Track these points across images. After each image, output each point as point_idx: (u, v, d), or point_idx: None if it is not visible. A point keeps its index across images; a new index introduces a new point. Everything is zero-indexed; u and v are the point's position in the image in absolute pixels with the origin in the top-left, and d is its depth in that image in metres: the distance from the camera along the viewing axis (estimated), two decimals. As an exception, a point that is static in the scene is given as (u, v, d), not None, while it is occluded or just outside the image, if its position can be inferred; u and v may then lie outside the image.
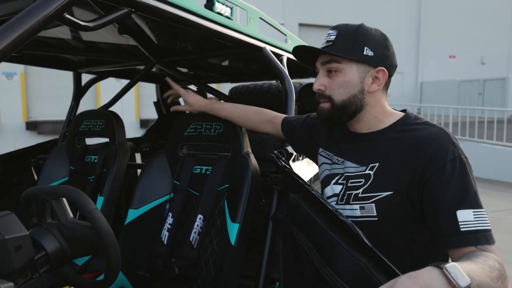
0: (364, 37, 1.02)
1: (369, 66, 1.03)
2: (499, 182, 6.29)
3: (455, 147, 0.95)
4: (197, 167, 1.55)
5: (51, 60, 2.14)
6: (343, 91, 1.04)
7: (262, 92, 2.62)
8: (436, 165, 0.92)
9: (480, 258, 0.79)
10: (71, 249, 0.97)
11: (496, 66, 15.81)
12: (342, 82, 1.04)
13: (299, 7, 12.77)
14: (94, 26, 0.94)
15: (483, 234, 0.86)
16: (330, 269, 0.98)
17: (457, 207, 0.89)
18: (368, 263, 0.87)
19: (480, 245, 0.85)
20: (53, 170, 1.97)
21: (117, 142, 1.88)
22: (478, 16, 15.62)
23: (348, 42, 1.02)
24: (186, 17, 1.18)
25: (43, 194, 1.01)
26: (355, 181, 1.06)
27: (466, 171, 0.93)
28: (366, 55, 1.01)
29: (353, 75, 1.03)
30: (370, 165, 1.04)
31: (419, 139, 0.97)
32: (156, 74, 2.67)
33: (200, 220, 1.43)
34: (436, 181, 0.92)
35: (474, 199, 0.90)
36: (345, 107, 1.05)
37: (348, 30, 1.04)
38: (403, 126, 1.04)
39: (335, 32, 1.04)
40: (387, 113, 1.08)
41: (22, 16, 0.80)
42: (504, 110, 8.98)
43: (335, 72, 1.05)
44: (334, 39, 1.03)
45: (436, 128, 0.99)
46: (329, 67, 1.06)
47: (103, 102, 9.13)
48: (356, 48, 1.02)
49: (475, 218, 0.87)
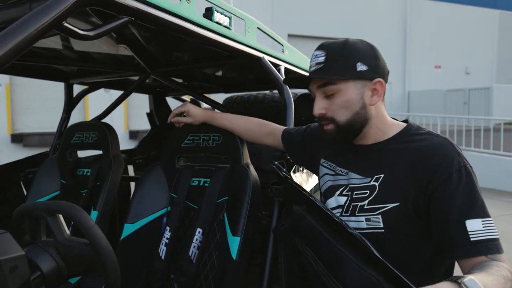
0: (353, 53, 1.00)
1: (365, 81, 1.01)
2: (488, 190, 6.35)
3: (460, 157, 0.94)
4: (195, 179, 1.51)
5: (41, 71, 2.09)
6: (346, 111, 1.02)
7: (256, 102, 2.60)
8: (442, 175, 0.91)
9: (493, 268, 0.78)
10: (68, 268, 0.92)
11: (481, 76, 16.20)
12: (342, 102, 1.02)
13: (288, 18, 12.92)
14: (94, 35, 0.91)
15: (492, 243, 0.85)
16: (339, 283, 0.95)
17: (466, 217, 0.88)
18: (379, 276, 0.85)
19: (490, 255, 0.84)
20: (43, 184, 1.91)
21: (111, 154, 1.83)
22: (463, 28, 16.04)
23: (339, 61, 1.00)
24: (186, 26, 1.16)
25: (37, 210, 0.96)
26: (360, 193, 1.05)
27: (472, 180, 0.92)
28: (360, 71, 0.99)
29: (352, 93, 1.01)
30: (375, 177, 1.02)
31: (424, 150, 0.97)
32: (149, 85, 2.64)
33: (199, 234, 1.38)
34: (443, 191, 0.91)
35: (482, 208, 0.89)
36: (351, 126, 1.03)
37: (335, 48, 1.01)
38: (406, 137, 1.03)
39: (323, 53, 1.01)
40: (389, 124, 1.07)
41: (19, 24, 0.77)
42: (490, 118, 9.17)
43: (333, 94, 1.02)
44: (324, 61, 1.01)
45: (440, 138, 0.99)
46: (325, 90, 1.03)
47: (91, 113, 9.04)
48: (348, 66, 0.99)
49: (484, 228, 0.87)
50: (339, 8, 13.77)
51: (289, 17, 12.99)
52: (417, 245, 1.00)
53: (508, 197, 6.00)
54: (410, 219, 0.96)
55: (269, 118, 2.48)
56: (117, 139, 1.90)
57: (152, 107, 2.98)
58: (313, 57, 1.04)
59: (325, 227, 1.03)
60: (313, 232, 1.07)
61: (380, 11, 14.63)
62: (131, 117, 10.19)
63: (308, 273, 1.10)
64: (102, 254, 0.90)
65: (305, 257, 1.11)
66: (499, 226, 0.90)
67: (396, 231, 0.98)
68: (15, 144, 9.26)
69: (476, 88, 13.33)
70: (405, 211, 0.96)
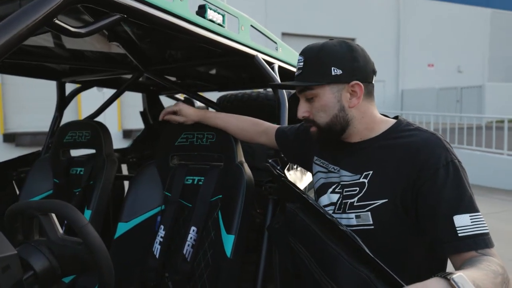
0: (328, 57, 1.02)
1: (341, 84, 1.03)
2: (480, 187, 6.42)
3: (448, 152, 0.94)
4: (189, 178, 1.51)
5: (33, 69, 2.07)
6: (324, 114, 1.05)
7: (250, 101, 2.60)
8: (429, 170, 0.92)
9: (483, 263, 0.78)
10: (61, 267, 0.92)
11: (473, 74, 16.32)
12: (320, 106, 1.05)
13: (281, 17, 12.91)
14: (86, 32, 0.90)
15: (481, 238, 0.85)
16: (331, 280, 0.95)
17: (453, 212, 0.88)
18: (371, 274, 0.85)
19: (480, 249, 0.84)
20: (36, 184, 1.89)
21: (104, 153, 1.82)
22: (455, 27, 16.15)
23: (314, 67, 1.03)
24: (178, 23, 1.16)
25: (30, 210, 0.95)
26: (350, 190, 1.05)
27: (460, 175, 0.92)
28: (335, 74, 1.01)
29: (328, 97, 1.04)
30: (364, 173, 1.03)
31: (411, 145, 0.97)
32: (142, 83, 2.62)
33: (193, 232, 1.38)
34: (431, 187, 0.91)
35: (470, 203, 0.89)
36: (331, 128, 1.06)
37: (312, 54, 1.05)
38: (395, 133, 1.03)
39: (302, 58, 1.06)
40: (377, 121, 1.08)
41: (9, 21, 0.76)
42: (482, 116, 9.25)
43: (312, 98, 1.06)
44: (302, 66, 1.05)
45: (428, 133, 0.99)
46: (305, 94, 1.07)
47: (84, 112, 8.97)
48: (323, 71, 1.02)
49: (472, 223, 0.87)
50: (332, 6, 13.80)
51: (283, 15, 12.99)
52: (408, 242, 1.00)
53: (500, 195, 6.07)
54: (399, 216, 0.96)
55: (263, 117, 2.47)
56: (111, 137, 1.89)
57: (146, 105, 2.97)
58: (297, 62, 1.09)
59: (318, 224, 1.03)
60: (306, 230, 1.07)
61: (373, 10, 14.68)
62: (124, 116, 10.13)
63: (301, 270, 1.10)
64: (96, 253, 0.89)
65: (298, 255, 1.11)
66: (490, 223, 0.90)
67: (386, 227, 0.99)
68: (7, 144, 9.17)
69: (469, 86, 13.44)
70: (393, 207, 0.96)
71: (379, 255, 0.92)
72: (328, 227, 0.98)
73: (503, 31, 17.19)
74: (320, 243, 1.00)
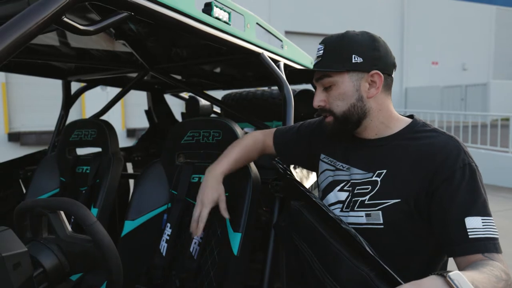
0: (349, 45, 1.01)
1: (361, 73, 1.01)
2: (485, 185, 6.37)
3: (465, 155, 0.94)
4: (195, 176, 1.51)
5: (39, 68, 2.07)
6: (341, 103, 1.03)
7: (255, 99, 2.60)
8: (446, 173, 0.91)
9: (486, 267, 0.77)
10: (70, 264, 0.92)
11: (477, 72, 16.21)
12: (338, 94, 1.03)
13: (285, 15, 12.89)
14: (94, 29, 0.90)
15: (491, 242, 0.85)
16: (333, 279, 0.96)
17: (466, 214, 0.87)
18: (371, 272, 0.86)
19: (487, 253, 0.83)
20: (42, 182, 1.90)
21: (110, 151, 1.82)
22: (460, 24, 16.04)
23: (335, 54, 1.02)
24: (185, 21, 1.16)
25: (39, 208, 0.96)
26: (362, 188, 1.04)
27: (475, 178, 0.92)
28: (355, 62, 1.00)
29: (347, 86, 1.02)
30: (377, 172, 1.02)
31: (429, 148, 0.96)
32: (147, 82, 2.62)
33: (200, 230, 1.38)
34: (446, 189, 0.90)
35: (483, 207, 0.89)
36: (347, 118, 1.04)
37: (333, 41, 1.04)
38: (411, 134, 1.02)
39: (322, 47, 1.05)
40: (394, 119, 1.07)
41: (18, 19, 0.76)
42: (487, 114, 9.19)
43: (330, 86, 1.04)
44: (322, 54, 1.04)
45: (446, 136, 0.98)
46: (323, 82, 1.05)
47: (88, 111, 9.00)
48: (344, 59, 1.00)
49: (483, 226, 0.86)
50: (336, 4, 13.75)
51: (286, 13, 12.96)
52: (416, 244, 0.99)
53: (504, 193, 6.03)
54: (411, 217, 0.96)
55: (268, 115, 2.47)
56: (116, 136, 1.89)
57: (151, 104, 2.97)
58: (316, 51, 1.07)
59: (321, 222, 1.04)
60: (309, 228, 1.07)
61: (377, 7, 14.61)
62: (128, 115, 10.15)
63: (304, 268, 1.10)
64: (105, 250, 0.89)
65: (302, 253, 1.11)
66: (495, 221, 0.89)
67: (396, 227, 0.98)
68: (12, 143, 9.21)
69: (473, 84, 13.34)
70: (406, 208, 0.96)
71: (385, 255, 0.93)
72: (331, 225, 0.98)
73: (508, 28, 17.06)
74: (323, 241, 1.00)
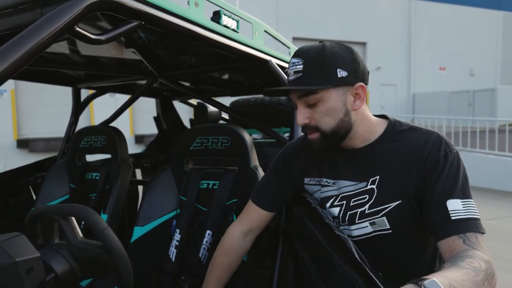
0: (332, 59, 0.96)
1: (347, 86, 0.98)
2: (493, 191, 6.32)
3: (446, 144, 0.97)
4: (204, 182, 1.52)
5: (49, 76, 2.11)
6: (330, 119, 0.99)
7: (263, 105, 2.61)
8: (432, 162, 0.95)
9: (466, 261, 0.77)
10: (81, 270, 0.93)
11: (485, 77, 16.13)
12: (326, 110, 0.98)
13: (292, 21, 12.96)
14: (106, 39, 0.91)
15: (473, 222, 0.87)
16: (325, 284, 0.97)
17: (447, 197, 0.90)
18: (359, 279, 0.88)
19: (469, 233, 0.85)
20: (52, 189, 1.92)
21: (120, 158, 1.84)
22: (467, 29, 16.01)
23: (318, 69, 0.96)
24: (194, 29, 1.17)
25: (50, 213, 0.97)
26: (358, 199, 1.03)
27: (456, 164, 0.95)
28: (341, 77, 0.96)
29: (334, 101, 0.98)
30: (370, 180, 1.02)
31: (415, 144, 0.99)
32: (156, 89, 2.65)
33: (209, 236, 1.39)
34: (431, 177, 0.94)
35: (462, 190, 0.91)
36: (336, 133, 1.01)
37: (312, 55, 0.97)
38: (392, 136, 1.03)
39: (300, 61, 0.97)
40: (374, 124, 1.06)
41: (32, 29, 0.78)
42: (495, 120, 9.13)
43: (315, 103, 0.99)
44: (301, 69, 0.97)
45: (426, 131, 1.01)
46: (307, 100, 0.99)
47: (97, 118, 9.08)
48: (328, 74, 0.96)
49: (464, 207, 0.88)
50: (343, 10, 13.79)
51: (293, 20, 13.03)
52: (424, 239, 1.02)
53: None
54: (415, 214, 0.97)
55: (276, 121, 2.48)
56: (126, 143, 1.91)
57: (159, 111, 2.99)
58: (290, 64, 1.00)
59: (319, 228, 1.05)
60: (308, 234, 1.08)
61: (384, 14, 14.62)
62: (136, 121, 10.23)
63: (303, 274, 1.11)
64: (115, 256, 0.90)
65: (302, 259, 1.12)
66: (503, 227, 0.90)
67: (403, 228, 0.99)
68: (21, 150, 9.33)
69: (481, 89, 13.28)
70: (408, 206, 0.97)
71: (396, 256, 0.93)
72: (327, 232, 1.00)
73: (515, 33, 16.97)
74: (319, 247, 1.02)
